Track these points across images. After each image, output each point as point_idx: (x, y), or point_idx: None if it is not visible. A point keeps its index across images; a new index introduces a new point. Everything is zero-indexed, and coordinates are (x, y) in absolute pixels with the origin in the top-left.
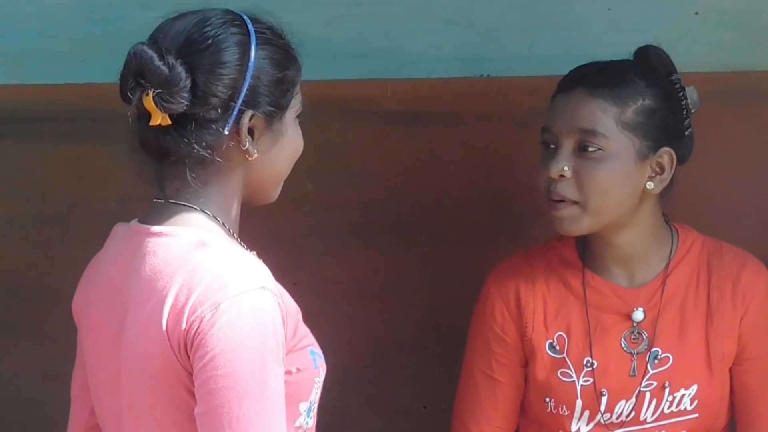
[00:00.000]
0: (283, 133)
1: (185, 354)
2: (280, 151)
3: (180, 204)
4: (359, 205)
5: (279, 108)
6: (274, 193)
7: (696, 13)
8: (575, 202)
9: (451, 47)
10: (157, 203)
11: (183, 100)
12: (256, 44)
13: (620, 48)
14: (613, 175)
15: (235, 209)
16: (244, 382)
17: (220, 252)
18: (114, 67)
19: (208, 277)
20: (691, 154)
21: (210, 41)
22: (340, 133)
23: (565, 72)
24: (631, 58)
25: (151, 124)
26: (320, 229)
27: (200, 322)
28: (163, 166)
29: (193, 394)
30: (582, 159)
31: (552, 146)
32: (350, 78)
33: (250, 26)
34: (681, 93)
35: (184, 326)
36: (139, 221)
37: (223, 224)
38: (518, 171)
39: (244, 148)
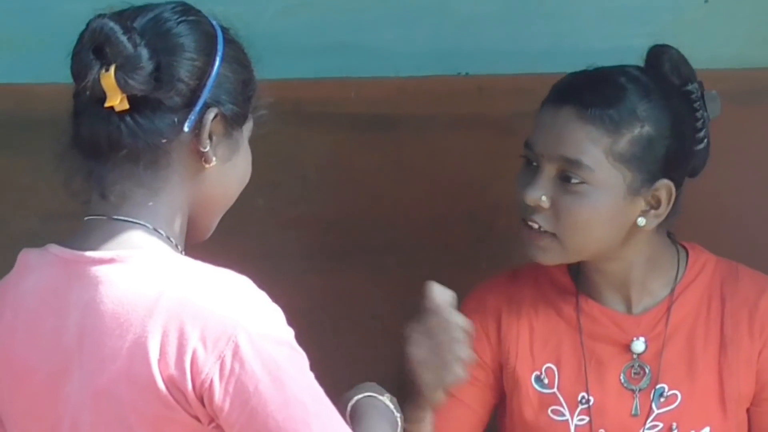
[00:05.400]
0: (239, 145)
1: (198, 402)
2: (234, 167)
3: (125, 221)
4: (317, 223)
5: (242, 113)
6: (214, 222)
7: (706, 1)
8: (550, 234)
9: (423, 41)
10: (92, 221)
11: (147, 80)
12: (224, 38)
13: (618, 41)
14: (596, 212)
15: (181, 227)
16: (301, 404)
17: (198, 276)
18: (39, 65)
19: (204, 311)
20: (704, 167)
21: (177, 26)
22: (296, 140)
23: (554, 70)
24: (639, 65)
25: (106, 104)
26: (272, 251)
27: (221, 366)
28: (107, 167)
29: None
30: (563, 190)
31: (534, 164)
32: (307, 77)
33: (213, 21)
34: (697, 103)
35: (189, 373)
36: (63, 245)
37: (176, 246)
38: (500, 183)
39: (204, 150)
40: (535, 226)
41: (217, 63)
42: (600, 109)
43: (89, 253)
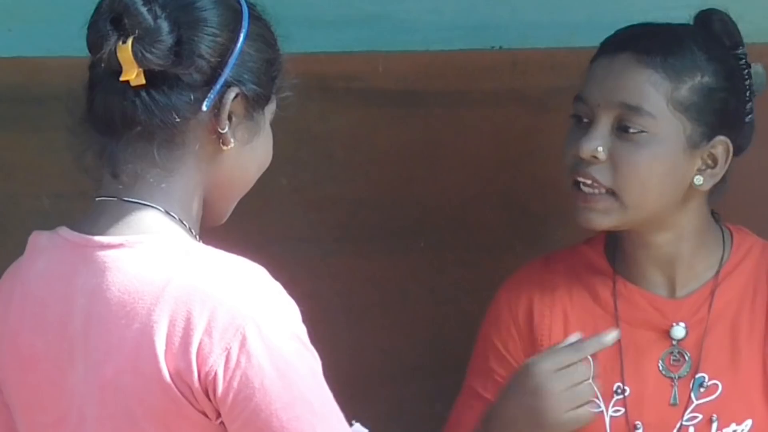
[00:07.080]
0: (260, 128)
1: (204, 396)
2: (254, 150)
3: (136, 203)
4: (344, 204)
5: (265, 94)
6: (230, 207)
7: None
8: (608, 191)
9: (454, 13)
10: (102, 202)
11: (166, 54)
12: (249, 15)
13: (658, 13)
14: (656, 164)
15: (196, 211)
16: (308, 404)
17: (209, 263)
18: (50, 38)
19: (212, 300)
20: (749, 145)
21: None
22: (321, 117)
23: (593, 43)
24: (690, 24)
25: (122, 78)
26: (296, 233)
27: (227, 358)
28: (120, 145)
29: None
30: (621, 140)
31: (585, 120)
32: (333, 50)
33: None
34: (745, 71)
35: (195, 364)
36: (72, 228)
37: (190, 229)
38: (536, 162)
39: (222, 131)
40: (589, 182)
41: (240, 40)
42: (660, 55)
43: (98, 238)
